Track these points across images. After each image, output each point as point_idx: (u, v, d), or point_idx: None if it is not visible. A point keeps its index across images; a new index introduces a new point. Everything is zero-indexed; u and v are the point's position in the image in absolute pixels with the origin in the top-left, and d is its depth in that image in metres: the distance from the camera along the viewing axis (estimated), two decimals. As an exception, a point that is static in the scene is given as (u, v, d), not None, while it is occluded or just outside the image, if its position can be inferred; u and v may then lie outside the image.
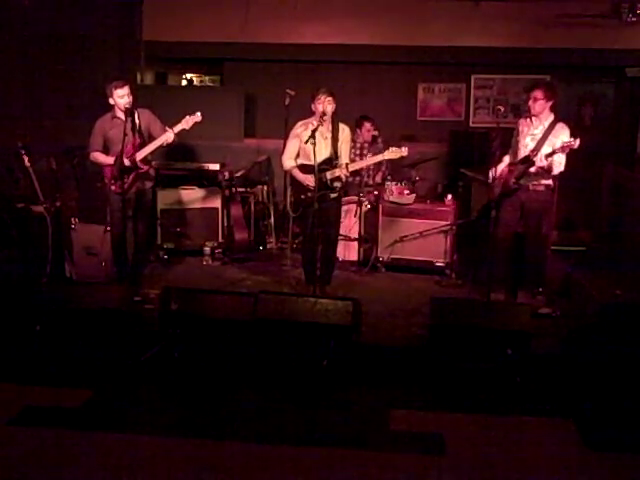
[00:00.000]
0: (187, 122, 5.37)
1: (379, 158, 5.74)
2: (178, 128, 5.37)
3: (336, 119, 5.54)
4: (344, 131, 5.61)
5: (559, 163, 5.15)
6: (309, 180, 5.36)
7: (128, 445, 3.52)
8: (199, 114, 5.38)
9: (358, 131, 7.26)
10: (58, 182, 6.06)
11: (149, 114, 5.61)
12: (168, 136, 5.38)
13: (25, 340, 4.61)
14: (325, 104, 5.40)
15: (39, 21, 6.71)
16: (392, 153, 5.47)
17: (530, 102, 5.33)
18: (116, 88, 5.39)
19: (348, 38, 8.49)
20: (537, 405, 4.00)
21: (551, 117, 5.37)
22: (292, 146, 5.63)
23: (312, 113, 5.53)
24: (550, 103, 5.32)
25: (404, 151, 5.45)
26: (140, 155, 5.43)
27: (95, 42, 7.39)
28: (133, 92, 5.47)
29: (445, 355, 4.36)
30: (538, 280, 5.57)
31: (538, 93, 5.28)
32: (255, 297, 4.59)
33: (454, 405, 3.99)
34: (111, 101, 5.46)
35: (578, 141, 4.89)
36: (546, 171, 5.24)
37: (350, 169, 5.56)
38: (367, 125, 7.32)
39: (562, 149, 5.00)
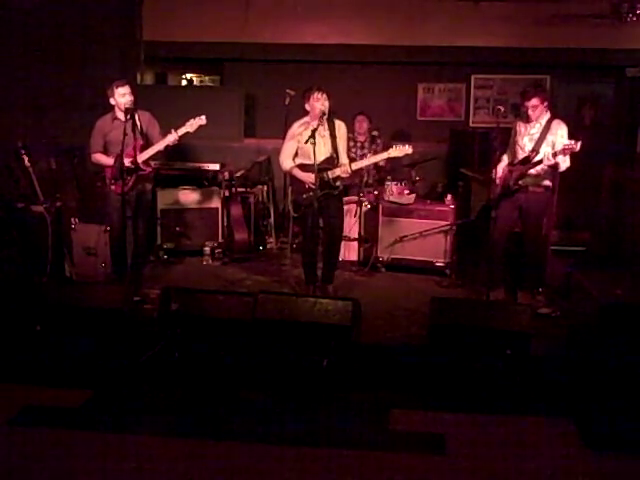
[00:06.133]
0: (192, 125, 5.37)
1: (384, 156, 5.70)
2: (182, 131, 5.37)
3: (332, 117, 5.54)
4: (340, 128, 5.60)
5: (563, 160, 5.15)
6: (310, 178, 5.34)
7: (128, 445, 3.52)
8: (204, 117, 5.37)
9: (355, 127, 7.27)
10: (58, 182, 6.07)
11: (149, 117, 5.61)
12: (173, 138, 5.37)
13: (25, 340, 4.60)
14: (323, 101, 5.40)
15: (39, 22, 6.71)
16: (397, 151, 5.46)
17: (529, 111, 5.34)
18: (117, 87, 5.40)
19: (348, 38, 8.49)
20: (537, 405, 4.00)
21: (547, 115, 5.37)
22: (290, 147, 5.63)
23: (308, 112, 5.53)
24: (546, 103, 5.34)
25: (408, 149, 5.43)
26: (143, 157, 5.43)
27: (95, 42, 7.39)
28: (134, 93, 5.47)
29: (445, 355, 4.36)
30: (538, 280, 5.57)
31: (534, 101, 5.29)
32: (255, 297, 4.59)
33: (454, 405, 3.99)
34: (112, 101, 5.46)
35: (579, 144, 4.89)
36: (553, 170, 5.24)
37: (353, 168, 5.56)
38: (359, 117, 7.32)
39: (563, 152, 5.00)
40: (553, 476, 3.35)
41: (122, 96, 5.38)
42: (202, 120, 5.38)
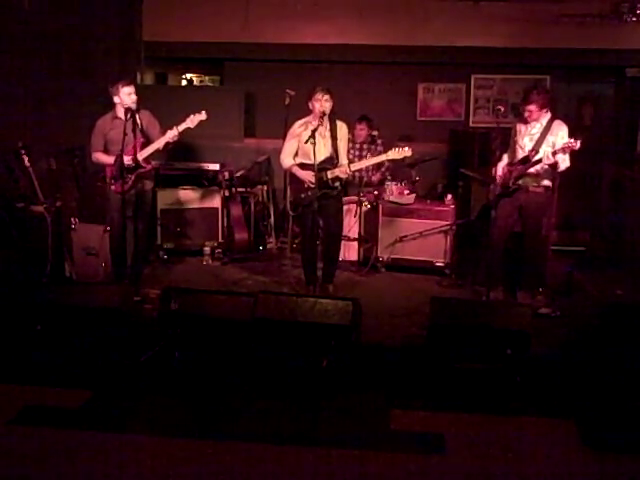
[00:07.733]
0: (192, 121, 5.38)
1: (382, 158, 5.72)
2: (182, 127, 5.38)
3: (334, 117, 5.54)
4: (342, 128, 5.61)
5: (563, 160, 5.15)
6: (310, 177, 5.34)
7: (128, 445, 3.52)
8: (204, 112, 5.38)
9: (355, 132, 7.28)
10: (58, 182, 6.07)
11: (149, 116, 5.62)
12: (172, 134, 5.38)
13: (25, 340, 4.60)
14: (323, 102, 5.40)
15: (39, 22, 6.70)
16: (396, 153, 5.45)
17: (525, 113, 5.35)
18: (123, 86, 5.42)
19: (348, 38, 8.49)
20: (537, 405, 4.00)
21: (548, 115, 5.37)
22: (290, 146, 5.63)
23: (310, 112, 5.54)
24: (545, 110, 5.34)
25: (408, 151, 5.43)
26: (143, 154, 5.44)
27: (95, 42, 7.39)
28: (137, 92, 5.48)
29: (445, 355, 4.35)
30: (538, 280, 5.57)
31: (532, 106, 5.30)
32: (255, 297, 4.59)
33: (454, 405, 3.99)
34: (116, 99, 5.46)
35: (579, 142, 4.89)
36: (552, 169, 5.24)
37: (352, 169, 5.56)
38: (359, 127, 7.32)
39: (563, 150, 5.00)
40: (553, 476, 3.35)
41: (127, 95, 5.40)
42: (202, 115, 5.39)
